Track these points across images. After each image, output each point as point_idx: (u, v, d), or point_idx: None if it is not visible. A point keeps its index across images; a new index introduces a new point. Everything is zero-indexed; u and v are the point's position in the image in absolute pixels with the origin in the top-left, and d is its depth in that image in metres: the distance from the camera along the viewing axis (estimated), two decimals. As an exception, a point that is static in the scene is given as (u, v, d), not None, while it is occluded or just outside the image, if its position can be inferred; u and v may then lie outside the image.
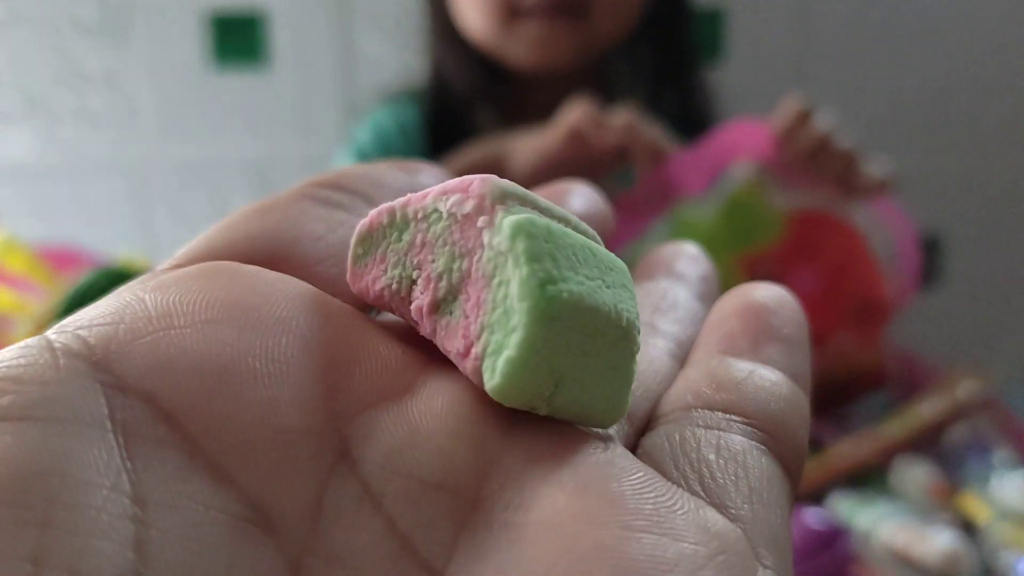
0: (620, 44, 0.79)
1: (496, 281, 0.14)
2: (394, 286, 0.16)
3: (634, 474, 0.13)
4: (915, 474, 0.56)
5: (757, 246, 0.62)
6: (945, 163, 1.15)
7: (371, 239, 0.16)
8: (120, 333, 0.13)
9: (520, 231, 0.14)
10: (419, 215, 0.15)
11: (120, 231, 1.14)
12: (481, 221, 0.14)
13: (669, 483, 0.14)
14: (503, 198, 0.15)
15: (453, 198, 0.15)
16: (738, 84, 1.12)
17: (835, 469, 0.56)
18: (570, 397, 0.14)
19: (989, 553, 0.50)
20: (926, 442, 0.60)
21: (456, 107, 0.81)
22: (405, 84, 0.87)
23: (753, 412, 0.15)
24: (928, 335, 0.69)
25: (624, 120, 0.61)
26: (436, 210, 0.15)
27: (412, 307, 0.15)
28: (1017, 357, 1.16)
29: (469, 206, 0.15)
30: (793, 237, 0.62)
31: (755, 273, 0.62)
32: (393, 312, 0.16)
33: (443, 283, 0.15)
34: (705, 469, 0.14)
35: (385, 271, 0.16)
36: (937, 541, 0.49)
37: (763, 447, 0.15)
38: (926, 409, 0.60)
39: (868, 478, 0.57)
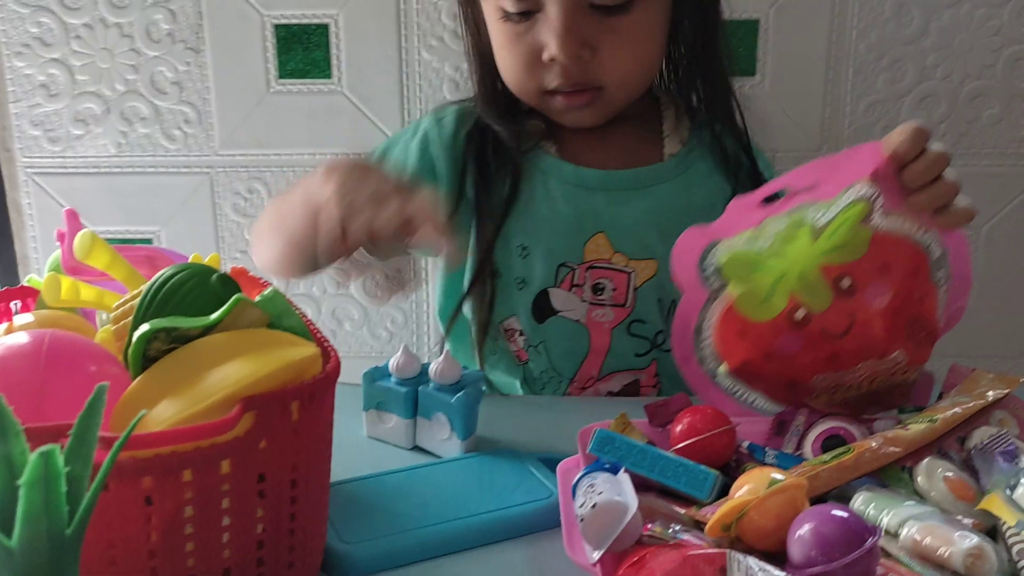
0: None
1: None
2: None
3: None
4: (940, 475, 0.55)
5: (844, 259, 0.65)
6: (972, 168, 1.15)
7: None
8: None
9: None
10: None
11: (188, 229, 1.20)
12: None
13: None
14: None
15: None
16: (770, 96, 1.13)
17: (860, 469, 0.55)
18: None
19: (1014, 556, 0.49)
20: (951, 443, 0.59)
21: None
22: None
23: None
24: (954, 335, 0.70)
25: None
26: None
27: None
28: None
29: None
30: (872, 254, 0.64)
31: (835, 281, 0.65)
32: None
33: None
34: None
35: None
36: (962, 542, 0.48)
37: None
38: (952, 411, 0.59)
39: (893, 478, 0.56)
